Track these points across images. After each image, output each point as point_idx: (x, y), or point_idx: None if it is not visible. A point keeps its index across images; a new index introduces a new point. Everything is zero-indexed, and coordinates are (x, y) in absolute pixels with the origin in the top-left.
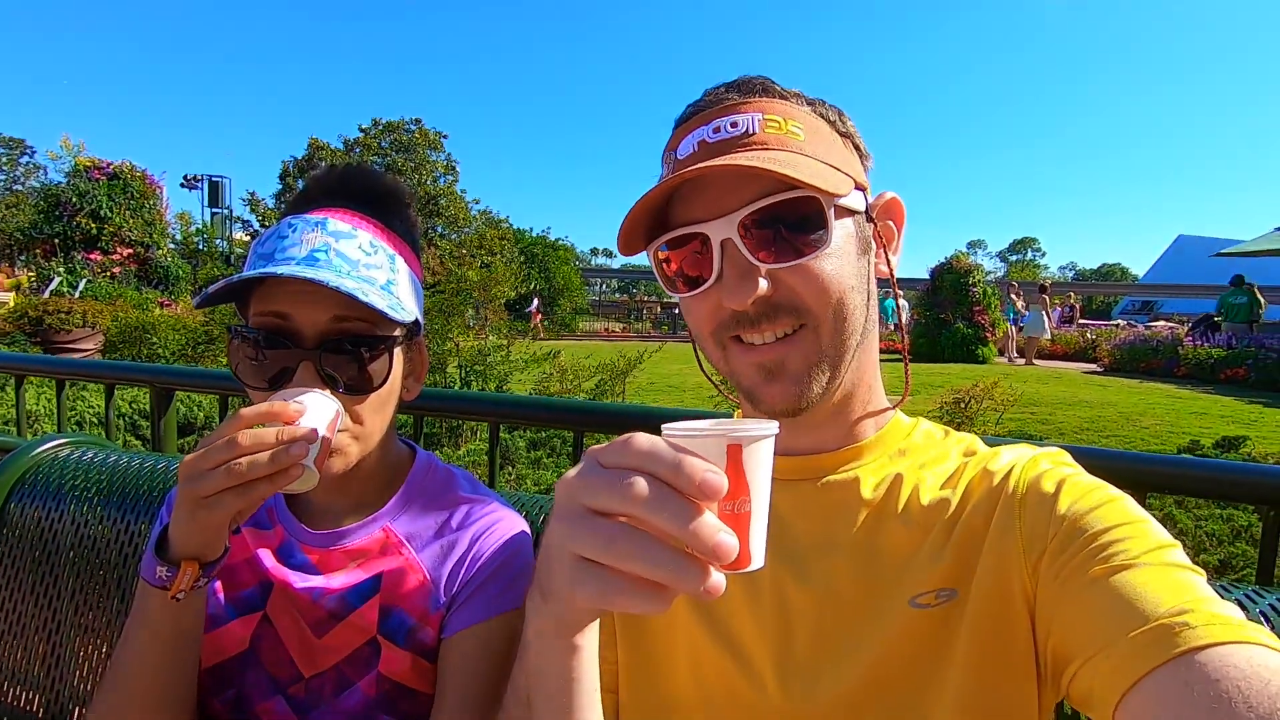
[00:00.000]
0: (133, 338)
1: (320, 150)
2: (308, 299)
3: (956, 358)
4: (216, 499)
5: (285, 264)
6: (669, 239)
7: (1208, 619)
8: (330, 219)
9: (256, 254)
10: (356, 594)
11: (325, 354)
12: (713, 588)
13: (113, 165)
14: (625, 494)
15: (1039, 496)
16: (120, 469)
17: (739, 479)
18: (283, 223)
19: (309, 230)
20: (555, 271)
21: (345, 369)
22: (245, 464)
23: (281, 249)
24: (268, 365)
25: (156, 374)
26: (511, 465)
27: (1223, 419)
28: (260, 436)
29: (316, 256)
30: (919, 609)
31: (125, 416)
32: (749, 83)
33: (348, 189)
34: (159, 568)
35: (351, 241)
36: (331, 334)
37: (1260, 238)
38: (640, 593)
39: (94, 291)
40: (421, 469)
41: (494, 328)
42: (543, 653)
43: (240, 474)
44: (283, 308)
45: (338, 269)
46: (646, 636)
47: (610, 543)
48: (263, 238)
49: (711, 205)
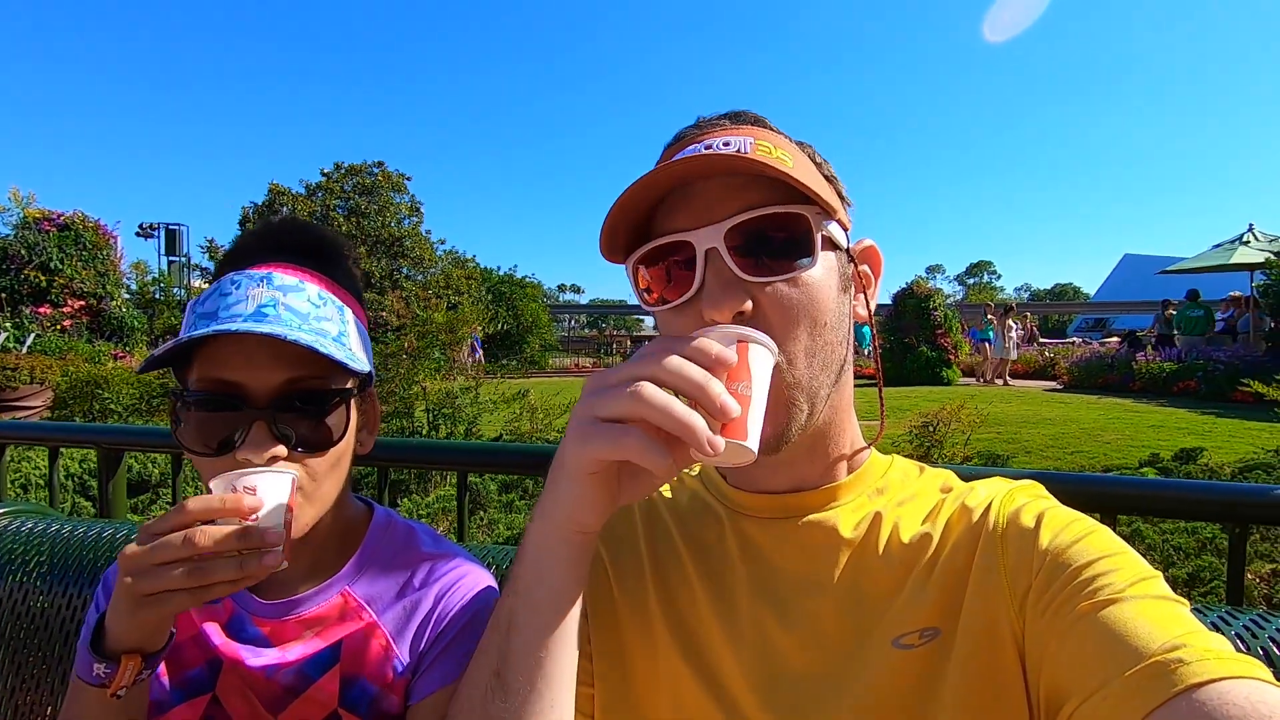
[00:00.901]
0: (84, 393)
1: (281, 195)
2: (258, 356)
3: (922, 380)
4: (165, 597)
5: (232, 321)
6: (651, 248)
7: (1201, 654)
8: (275, 273)
9: (197, 314)
10: (315, 665)
11: (278, 412)
12: (714, 442)
13: (63, 216)
14: (655, 361)
15: (1020, 531)
16: (63, 539)
17: (744, 366)
18: (223, 280)
19: (253, 285)
20: (523, 309)
21: (300, 426)
22: (206, 567)
23: (225, 306)
24: (217, 429)
25: (103, 434)
26: (483, 510)
27: (1179, 430)
28: (218, 536)
29: (265, 312)
30: (903, 649)
31: (75, 476)
32: (741, 113)
33: (286, 243)
34: (96, 665)
35: (300, 294)
36: (283, 391)
37: (1200, 255)
38: (651, 442)
39: (43, 346)
40: (380, 527)
41: (461, 369)
42: (540, 562)
43: (199, 577)
44: (230, 368)
45: (288, 323)
46: (628, 673)
47: (633, 397)
48: (201, 297)
49: (698, 214)
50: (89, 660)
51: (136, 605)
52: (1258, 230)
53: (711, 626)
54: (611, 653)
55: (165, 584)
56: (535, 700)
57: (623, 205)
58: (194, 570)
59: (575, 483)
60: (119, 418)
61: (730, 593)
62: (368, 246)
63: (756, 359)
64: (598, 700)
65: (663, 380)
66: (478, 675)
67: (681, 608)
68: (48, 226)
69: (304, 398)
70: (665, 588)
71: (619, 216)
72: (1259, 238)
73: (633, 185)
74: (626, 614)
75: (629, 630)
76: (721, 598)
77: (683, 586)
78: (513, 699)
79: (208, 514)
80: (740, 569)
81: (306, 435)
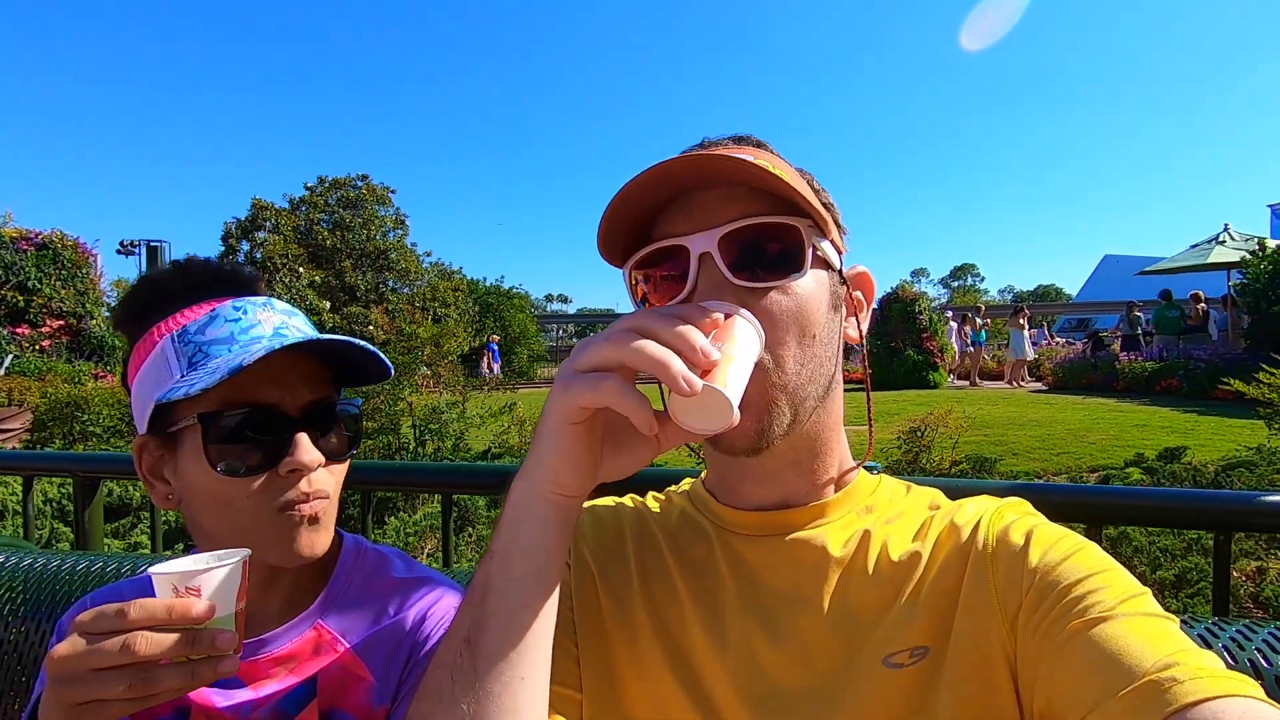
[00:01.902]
0: (63, 415)
1: (264, 210)
2: (288, 375)
3: (909, 384)
4: (101, 706)
5: (260, 340)
6: (647, 253)
7: (1194, 672)
8: (270, 299)
9: (206, 342)
10: (291, 702)
11: (312, 424)
12: (691, 380)
13: (41, 235)
14: (639, 314)
15: (1009, 550)
16: (35, 573)
17: (728, 331)
18: (224, 307)
19: (259, 310)
20: (510, 320)
21: (333, 435)
22: (150, 676)
23: (243, 330)
24: (252, 449)
25: (78, 462)
26: (471, 526)
27: (1163, 429)
28: (163, 644)
29: (284, 333)
30: (893, 668)
31: (53, 501)
32: (745, 137)
33: (219, 277)
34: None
35: (299, 317)
36: (311, 406)
37: (1178, 255)
38: (629, 387)
39: (22, 367)
40: (350, 555)
41: (447, 383)
42: (519, 523)
43: (142, 688)
44: (261, 388)
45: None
46: (616, 684)
47: (612, 343)
48: (197, 326)
49: (695, 221)
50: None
51: (68, 715)
52: (1233, 230)
53: (700, 642)
54: (598, 662)
55: (101, 693)
56: (506, 669)
57: (623, 202)
58: (136, 680)
59: (556, 435)
60: (99, 440)
61: (719, 609)
62: (353, 260)
63: (741, 329)
64: (586, 712)
65: (645, 328)
66: (448, 645)
67: (669, 621)
68: (25, 246)
69: (327, 411)
70: (653, 601)
71: (618, 216)
72: (1234, 237)
73: (633, 180)
74: (614, 625)
75: (616, 642)
76: (711, 614)
77: (671, 601)
78: (482, 667)
79: (150, 623)
80: (729, 586)
81: (337, 446)
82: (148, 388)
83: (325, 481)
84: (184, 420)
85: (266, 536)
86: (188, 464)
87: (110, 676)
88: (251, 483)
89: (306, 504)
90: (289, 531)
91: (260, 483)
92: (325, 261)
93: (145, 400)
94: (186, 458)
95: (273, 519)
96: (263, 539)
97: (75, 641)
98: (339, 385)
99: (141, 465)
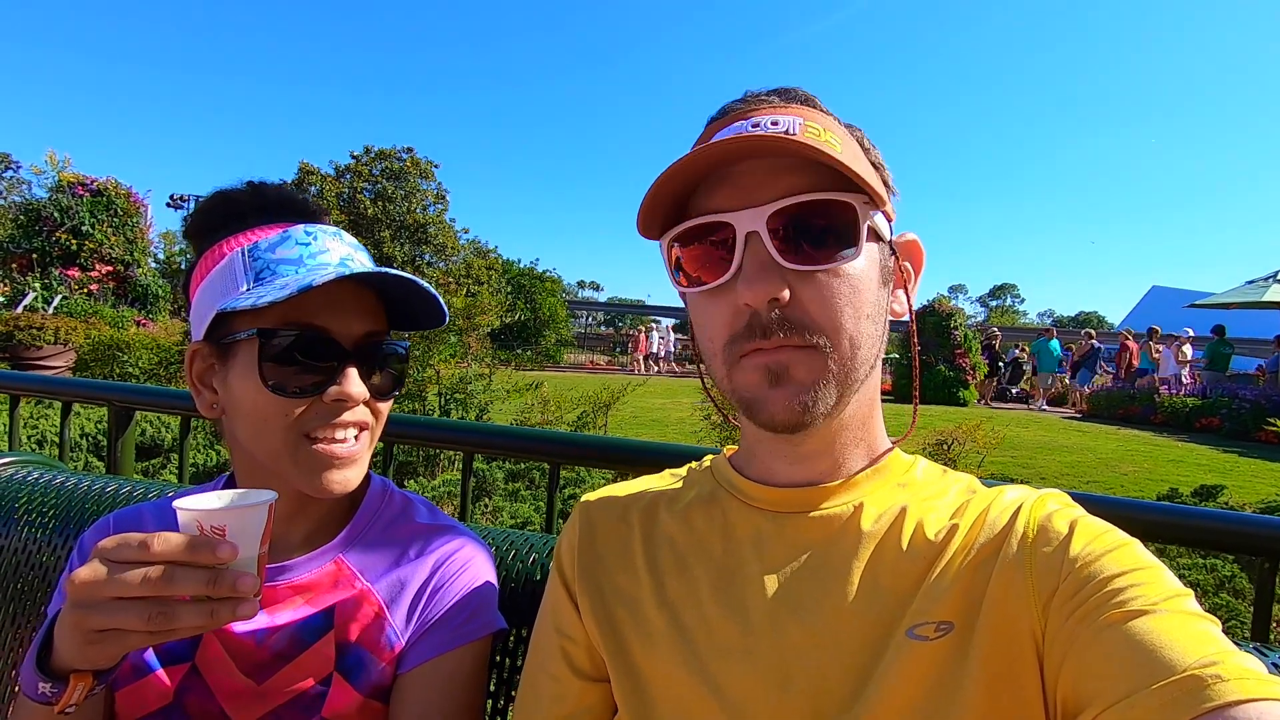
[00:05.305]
0: (105, 356)
1: (310, 175)
2: (346, 304)
3: (938, 399)
4: (119, 635)
5: (328, 266)
6: (688, 227)
7: (1238, 672)
8: (340, 229)
9: (275, 260)
10: (308, 630)
11: (362, 359)
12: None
13: (97, 182)
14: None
15: (1050, 536)
16: (67, 491)
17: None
18: (295, 230)
19: (329, 238)
20: (542, 302)
21: (379, 372)
22: (168, 611)
23: (311, 255)
24: (302, 372)
25: (114, 391)
26: (488, 497)
27: (1199, 466)
28: (184, 580)
29: (348, 263)
30: (917, 640)
31: (89, 436)
32: (792, 90)
33: (291, 203)
34: (41, 683)
35: (364, 253)
36: (364, 340)
37: (1231, 290)
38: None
39: (69, 308)
40: (376, 495)
41: (476, 356)
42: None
43: (160, 622)
44: (319, 314)
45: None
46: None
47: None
48: (269, 244)
49: (741, 196)
50: (34, 677)
51: (85, 641)
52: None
53: (719, 625)
54: (623, 666)
55: (119, 622)
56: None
57: (668, 180)
58: (155, 614)
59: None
60: (137, 381)
61: (742, 588)
62: (392, 231)
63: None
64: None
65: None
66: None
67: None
68: (81, 191)
69: (378, 348)
70: (665, 594)
71: (662, 194)
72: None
73: (674, 164)
74: (630, 631)
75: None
76: (731, 594)
77: (687, 592)
78: None
79: (172, 558)
80: (752, 563)
81: (382, 384)
82: (212, 295)
83: (366, 416)
84: (243, 333)
85: (299, 462)
86: (238, 376)
87: (129, 607)
88: (296, 405)
89: (344, 435)
90: (323, 461)
91: (305, 408)
92: (365, 231)
93: (208, 307)
94: (238, 370)
95: (308, 445)
96: (295, 464)
97: (96, 568)
98: (390, 326)
99: (192, 371)
